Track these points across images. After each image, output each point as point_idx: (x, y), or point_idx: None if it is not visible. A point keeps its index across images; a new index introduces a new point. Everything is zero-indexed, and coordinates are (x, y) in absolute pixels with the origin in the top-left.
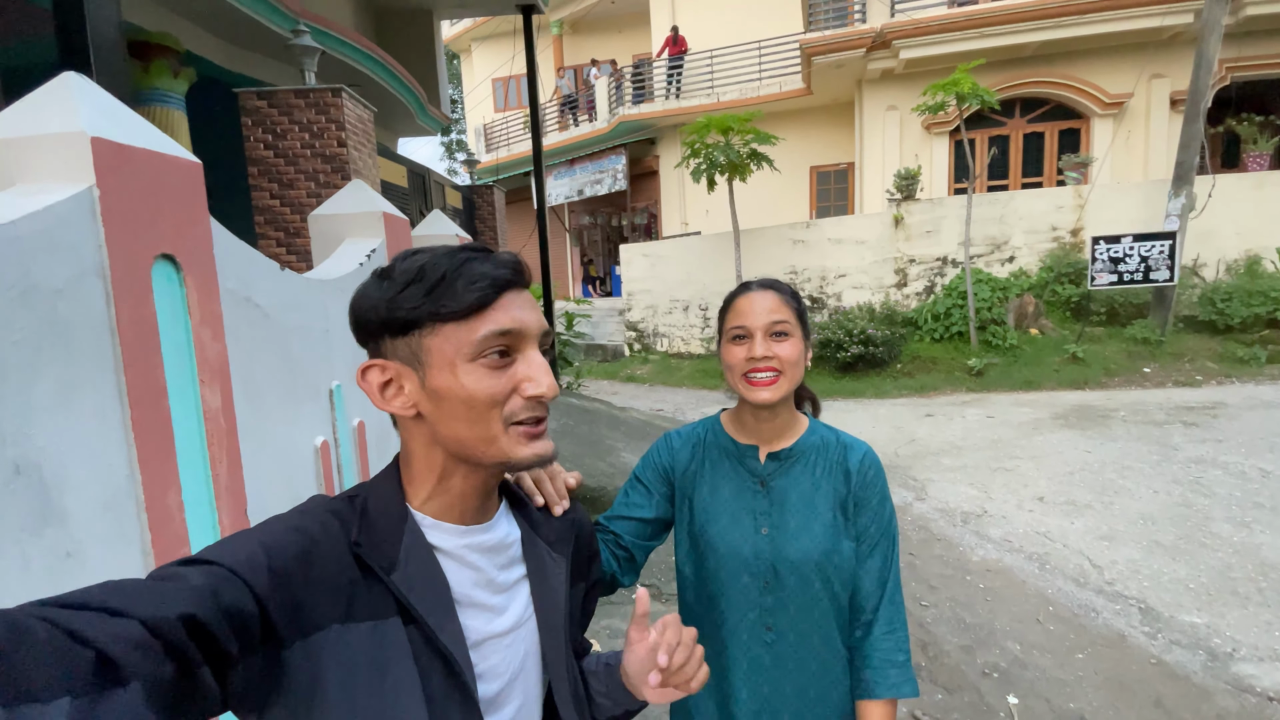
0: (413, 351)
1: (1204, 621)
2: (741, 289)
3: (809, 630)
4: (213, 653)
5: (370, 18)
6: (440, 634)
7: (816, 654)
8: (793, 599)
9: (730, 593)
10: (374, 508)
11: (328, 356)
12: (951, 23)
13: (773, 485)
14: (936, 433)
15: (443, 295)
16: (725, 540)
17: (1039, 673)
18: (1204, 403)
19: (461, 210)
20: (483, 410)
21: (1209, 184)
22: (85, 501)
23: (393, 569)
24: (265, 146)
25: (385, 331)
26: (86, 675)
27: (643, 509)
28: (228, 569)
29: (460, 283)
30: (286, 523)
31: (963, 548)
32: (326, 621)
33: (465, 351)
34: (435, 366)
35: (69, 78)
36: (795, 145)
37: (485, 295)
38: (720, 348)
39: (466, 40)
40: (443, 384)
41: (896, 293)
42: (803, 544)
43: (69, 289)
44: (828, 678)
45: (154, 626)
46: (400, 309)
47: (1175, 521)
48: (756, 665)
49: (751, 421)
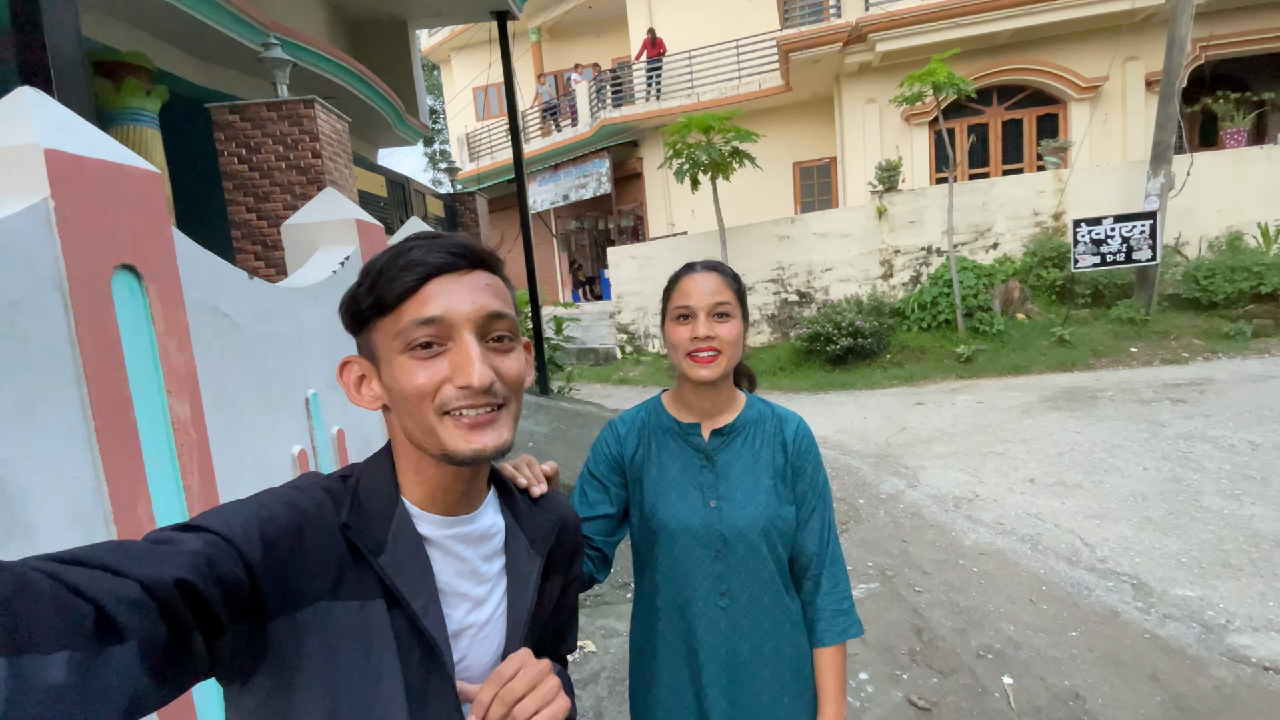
0: (369, 347)
1: (1197, 595)
2: (685, 270)
3: (759, 592)
4: (204, 618)
5: (345, 30)
6: (423, 619)
7: (768, 613)
8: (743, 564)
9: (685, 564)
10: (365, 490)
11: (302, 365)
12: (926, 14)
13: (717, 459)
14: (927, 421)
15: (377, 288)
16: (676, 516)
17: (1033, 652)
18: (1191, 379)
19: (443, 219)
20: (414, 403)
21: (1187, 163)
22: (51, 514)
23: (380, 551)
24: (239, 160)
25: (351, 330)
26: (86, 630)
27: (603, 505)
28: (223, 537)
29: (393, 272)
30: (281, 496)
31: (955, 532)
32: (315, 596)
33: (395, 344)
34: (382, 360)
35: (24, 92)
36: (777, 142)
37: (408, 284)
38: (664, 326)
39: (446, 51)
40: (387, 377)
41: (883, 284)
42: (749, 512)
43: (26, 301)
44: (779, 634)
45: (151, 588)
46: (354, 305)
47: (1166, 497)
48: (713, 628)
49: (693, 399)
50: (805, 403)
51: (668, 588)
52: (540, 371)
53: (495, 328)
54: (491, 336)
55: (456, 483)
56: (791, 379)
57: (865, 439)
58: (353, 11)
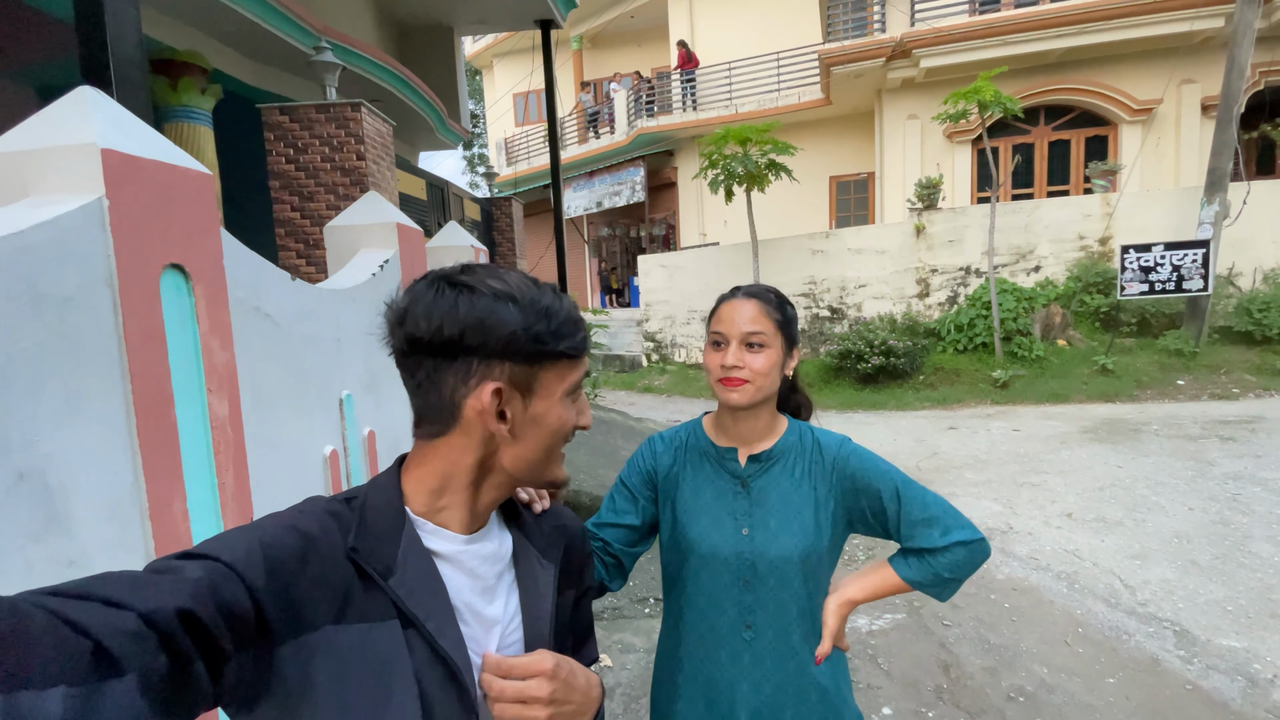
0: (526, 379)
1: (1243, 646)
2: (729, 294)
3: (788, 628)
4: (207, 647)
5: (393, 34)
6: (440, 639)
7: (795, 652)
8: (772, 597)
9: (711, 591)
10: (372, 511)
11: (339, 366)
12: (973, 31)
13: (753, 486)
14: (960, 446)
15: (565, 336)
16: (707, 541)
17: (1067, 697)
18: (1241, 416)
19: (480, 222)
20: (560, 438)
21: (1243, 191)
22: (89, 509)
23: (390, 574)
24: (286, 160)
25: (505, 355)
26: (84, 665)
27: (629, 515)
28: (225, 564)
29: (570, 326)
30: (284, 521)
31: (987, 565)
32: (320, 622)
33: (567, 388)
34: (541, 396)
35: (84, 91)
36: (814, 155)
37: (584, 343)
38: (705, 348)
39: (489, 56)
40: (541, 411)
41: (918, 303)
42: (783, 543)
43: (77, 298)
44: (803, 675)
45: (151, 619)
46: (537, 340)
47: (1212, 540)
48: (736, 660)
49: (730, 424)
50: (833, 421)
51: (692, 614)
52: None
53: None
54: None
55: (496, 504)
56: (820, 396)
57: (894, 462)
58: (401, 17)
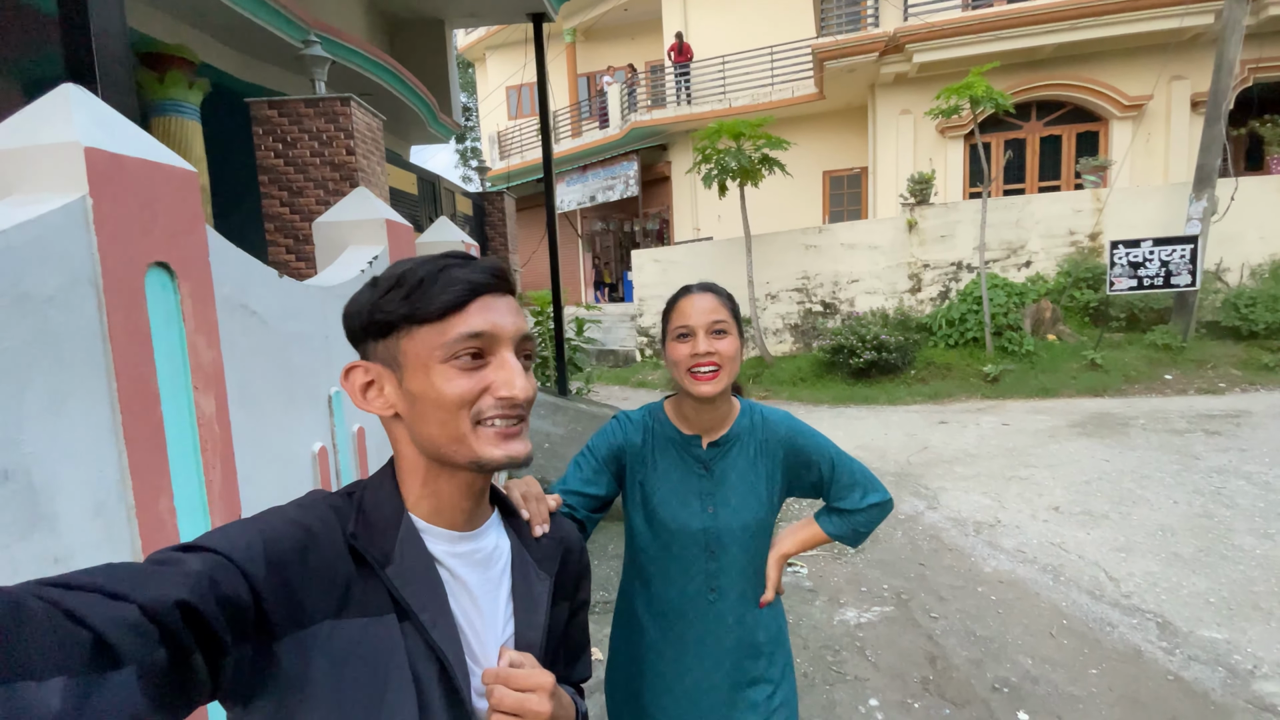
0: (391, 354)
1: (1224, 637)
2: (683, 292)
3: (746, 586)
4: (206, 640)
5: (383, 28)
6: (432, 630)
7: (750, 605)
8: (734, 563)
9: (681, 561)
10: (370, 504)
11: (327, 363)
12: (965, 26)
13: (715, 469)
14: (950, 440)
15: (418, 299)
16: (677, 520)
17: (1051, 688)
18: (1227, 411)
19: (472, 217)
20: (452, 410)
21: (1231, 187)
22: (75, 507)
23: (387, 562)
24: (275, 155)
25: (368, 335)
26: (83, 656)
27: (595, 485)
28: (225, 557)
29: (435, 287)
30: (285, 515)
31: (974, 558)
32: (320, 616)
33: (437, 353)
34: (410, 368)
35: (67, 89)
36: (807, 150)
37: (458, 298)
38: (664, 346)
39: (481, 49)
40: (416, 385)
41: (910, 298)
42: (744, 517)
43: (61, 297)
44: (755, 626)
45: (151, 611)
46: (380, 312)
47: (1196, 533)
48: (702, 618)
49: (693, 413)
50: (825, 416)
51: (661, 581)
52: (559, 372)
53: (524, 348)
54: (522, 355)
55: (465, 497)
56: (812, 390)
57: (885, 456)
58: (391, 10)
